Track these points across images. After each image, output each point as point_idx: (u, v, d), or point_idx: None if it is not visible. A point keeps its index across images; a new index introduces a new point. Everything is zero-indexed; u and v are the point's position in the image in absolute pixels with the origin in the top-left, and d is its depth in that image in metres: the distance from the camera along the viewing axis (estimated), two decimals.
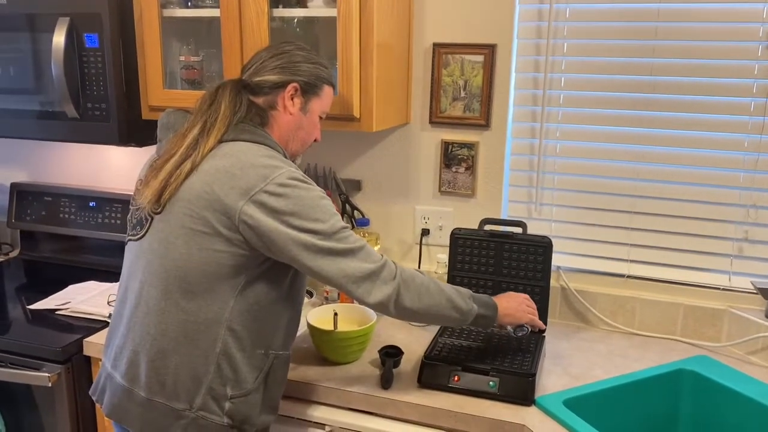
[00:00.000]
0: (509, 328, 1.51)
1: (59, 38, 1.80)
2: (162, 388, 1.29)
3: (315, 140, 1.50)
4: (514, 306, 1.49)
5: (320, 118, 1.48)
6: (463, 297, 1.40)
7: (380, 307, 1.31)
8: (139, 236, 1.34)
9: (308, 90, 1.41)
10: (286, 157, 1.37)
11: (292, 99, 1.40)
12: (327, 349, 1.60)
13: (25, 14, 1.85)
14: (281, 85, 1.38)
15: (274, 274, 1.31)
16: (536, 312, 1.54)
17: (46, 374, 1.70)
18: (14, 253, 2.46)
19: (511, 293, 1.56)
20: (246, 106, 1.35)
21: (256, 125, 1.36)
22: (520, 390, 1.44)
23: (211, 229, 1.25)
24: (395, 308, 1.31)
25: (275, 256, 1.27)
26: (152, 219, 1.31)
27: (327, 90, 1.46)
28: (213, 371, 1.28)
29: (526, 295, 1.56)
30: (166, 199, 1.28)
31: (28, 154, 2.45)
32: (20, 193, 2.39)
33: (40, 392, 1.77)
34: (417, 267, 1.99)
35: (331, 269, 1.26)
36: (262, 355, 1.33)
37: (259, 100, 1.39)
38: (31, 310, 1.92)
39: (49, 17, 1.82)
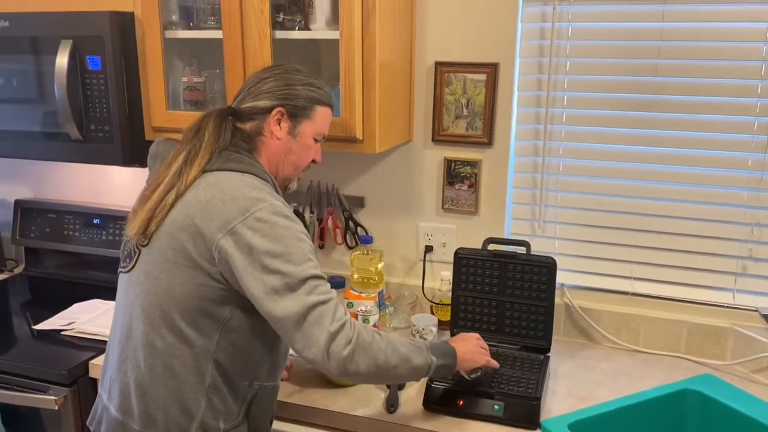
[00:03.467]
0: (463, 372, 1.46)
1: (62, 60, 1.80)
2: (154, 422, 1.29)
3: (314, 161, 1.48)
4: (470, 349, 1.44)
5: (315, 140, 1.45)
6: (420, 352, 1.33)
7: (335, 373, 1.23)
8: (128, 268, 1.34)
9: (297, 113, 1.39)
10: (275, 185, 1.36)
11: (278, 124, 1.38)
12: None
13: (28, 36, 1.85)
14: (267, 111, 1.37)
15: None
16: (488, 351, 1.49)
17: (53, 397, 1.71)
18: (18, 269, 2.46)
19: (463, 335, 1.50)
20: (230, 134, 1.34)
21: (243, 152, 1.34)
22: (526, 414, 1.45)
23: (191, 263, 1.23)
24: (348, 373, 1.23)
25: (244, 293, 1.23)
26: (140, 251, 1.31)
27: (321, 111, 1.44)
28: (204, 405, 1.28)
29: (477, 335, 1.51)
30: (152, 230, 1.27)
31: (32, 171, 2.46)
32: (24, 209, 2.40)
33: (47, 414, 1.78)
34: (421, 283, 1.99)
35: (288, 322, 1.19)
36: (246, 387, 1.33)
37: (246, 126, 1.38)
38: (37, 331, 1.92)
39: (51, 39, 1.82)
